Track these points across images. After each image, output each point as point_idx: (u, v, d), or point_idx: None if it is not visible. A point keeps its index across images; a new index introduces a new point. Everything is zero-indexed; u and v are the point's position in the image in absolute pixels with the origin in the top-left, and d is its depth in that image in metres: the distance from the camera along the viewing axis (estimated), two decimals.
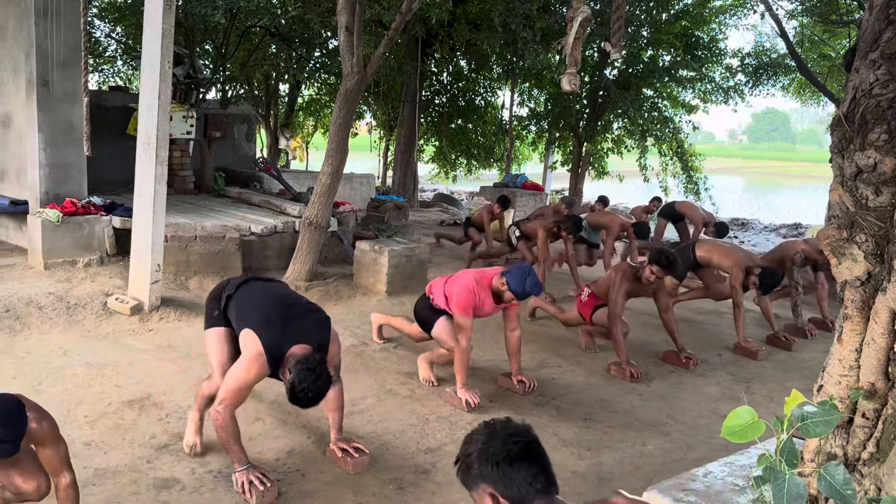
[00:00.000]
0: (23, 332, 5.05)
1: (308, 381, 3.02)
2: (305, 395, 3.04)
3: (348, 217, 8.25)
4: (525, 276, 4.30)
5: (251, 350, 3.21)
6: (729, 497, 2.63)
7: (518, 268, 4.39)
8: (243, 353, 3.26)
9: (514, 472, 1.64)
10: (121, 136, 8.53)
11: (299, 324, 3.32)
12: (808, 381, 5.43)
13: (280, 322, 3.27)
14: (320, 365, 3.08)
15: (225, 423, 3.21)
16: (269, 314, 3.30)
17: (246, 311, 3.38)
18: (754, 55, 13.32)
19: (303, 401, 3.07)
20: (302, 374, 3.03)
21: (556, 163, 15.28)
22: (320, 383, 3.04)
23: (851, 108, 2.32)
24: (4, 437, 2.27)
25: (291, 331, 3.27)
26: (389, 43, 6.53)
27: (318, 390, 3.04)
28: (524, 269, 4.36)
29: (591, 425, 4.27)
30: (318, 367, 3.06)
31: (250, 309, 3.38)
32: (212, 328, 3.57)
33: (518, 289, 4.29)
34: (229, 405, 3.21)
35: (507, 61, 13.77)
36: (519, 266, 4.42)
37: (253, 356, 3.20)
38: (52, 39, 6.19)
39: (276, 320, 3.27)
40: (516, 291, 4.31)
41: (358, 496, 3.30)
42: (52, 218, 6.11)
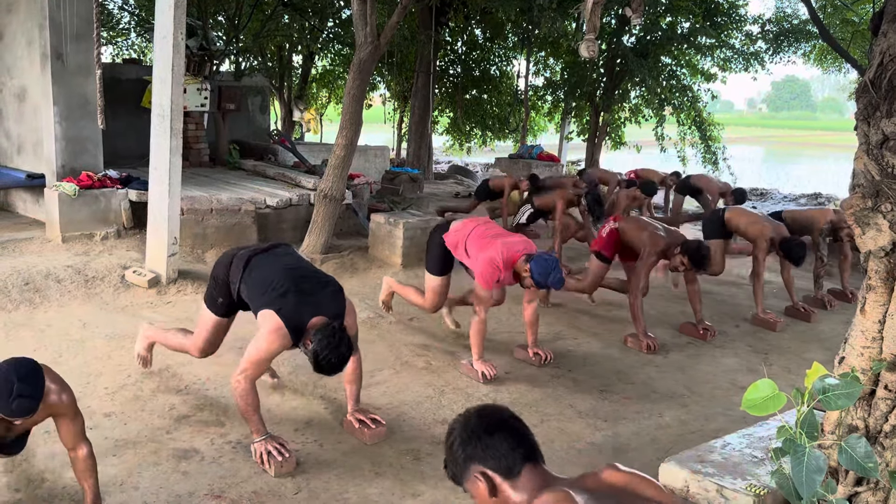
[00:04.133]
0: (42, 304, 5.11)
1: (330, 349, 3.08)
2: (329, 362, 3.09)
3: (363, 189, 8.22)
4: (550, 270, 4.19)
5: (271, 325, 3.24)
6: (747, 469, 2.61)
7: (544, 259, 4.27)
8: (262, 327, 3.28)
9: (496, 440, 1.62)
10: (135, 109, 8.53)
11: (314, 298, 3.34)
12: (827, 352, 5.39)
13: (296, 297, 3.30)
14: (340, 332, 3.13)
15: (245, 392, 3.24)
16: (284, 292, 3.32)
17: (259, 290, 3.40)
18: (775, 21, 13.02)
19: (326, 368, 3.12)
20: (323, 342, 3.08)
21: (571, 133, 15.10)
22: (342, 349, 3.10)
23: (878, 73, 2.25)
24: (24, 393, 2.31)
25: (308, 305, 3.29)
26: (403, 12, 6.44)
27: (340, 356, 3.10)
28: (551, 261, 4.25)
29: (608, 397, 4.27)
30: (338, 333, 3.11)
31: (263, 288, 3.39)
32: (214, 315, 3.63)
33: (541, 280, 4.23)
34: (250, 375, 3.25)
35: (523, 30, 13.55)
36: (546, 257, 4.31)
37: (273, 329, 3.23)
38: (66, 11, 6.16)
39: (291, 296, 3.30)
40: (538, 282, 4.26)
41: (375, 466, 3.33)
42: (69, 191, 6.13)
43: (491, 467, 1.62)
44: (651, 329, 5.29)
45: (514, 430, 1.65)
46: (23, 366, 2.38)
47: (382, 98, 16.52)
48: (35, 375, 2.38)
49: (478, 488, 1.64)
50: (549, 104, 15.42)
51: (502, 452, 1.61)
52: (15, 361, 2.39)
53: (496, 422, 1.65)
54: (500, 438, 1.62)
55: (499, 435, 1.63)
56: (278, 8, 10.46)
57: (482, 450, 1.62)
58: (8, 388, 2.30)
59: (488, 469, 1.62)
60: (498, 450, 1.61)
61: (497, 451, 1.61)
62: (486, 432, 1.63)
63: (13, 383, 2.30)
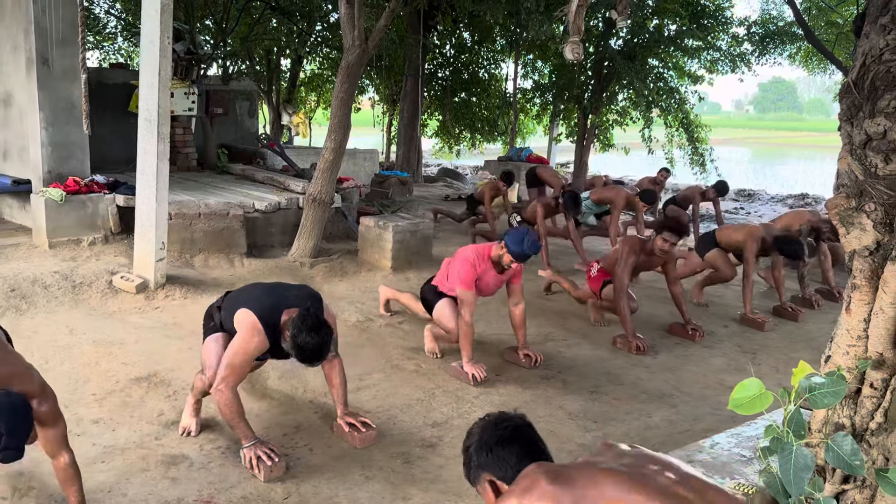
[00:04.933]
0: (29, 311, 5.07)
1: (308, 331, 3.07)
2: (308, 345, 3.08)
3: (352, 193, 8.22)
4: (523, 237, 4.26)
5: (246, 323, 3.24)
6: (735, 468, 2.62)
7: (515, 230, 4.36)
8: (238, 329, 3.27)
9: (507, 454, 1.71)
10: (123, 114, 8.49)
11: (287, 295, 3.36)
12: (814, 351, 5.42)
13: (271, 297, 3.33)
14: (316, 316, 3.13)
15: (228, 400, 3.21)
16: (260, 295, 3.36)
17: (237, 303, 3.40)
18: (761, 23, 13.13)
19: (308, 352, 3.10)
20: (301, 327, 3.09)
21: (560, 135, 15.15)
22: (322, 332, 3.09)
23: (861, 74, 2.27)
24: (11, 445, 2.29)
25: (283, 300, 3.30)
26: (391, 15, 6.45)
27: (320, 338, 3.09)
28: (521, 230, 4.33)
29: (598, 398, 4.28)
30: (313, 317, 3.11)
31: (241, 300, 3.40)
32: (210, 335, 3.56)
33: (516, 249, 4.26)
34: (230, 382, 3.23)
35: (511, 33, 13.60)
36: (516, 229, 4.40)
37: (249, 328, 3.23)
38: (51, 16, 6.13)
39: (265, 298, 3.32)
40: (514, 252, 4.28)
41: (365, 470, 3.32)
42: (56, 197, 6.09)
43: (499, 477, 1.71)
44: (640, 330, 5.31)
45: (525, 443, 1.73)
46: (12, 415, 2.31)
47: (371, 101, 16.53)
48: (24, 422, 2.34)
49: (487, 493, 1.74)
50: (538, 107, 15.46)
51: (511, 464, 1.70)
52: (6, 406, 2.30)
53: (510, 435, 1.74)
54: (510, 451, 1.71)
55: (510, 448, 1.71)
56: (266, 12, 10.44)
57: (494, 461, 1.72)
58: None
59: (496, 478, 1.71)
60: (507, 461, 1.70)
61: (506, 462, 1.70)
62: (498, 444, 1.72)
63: (1, 436, 2.27)
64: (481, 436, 1.76)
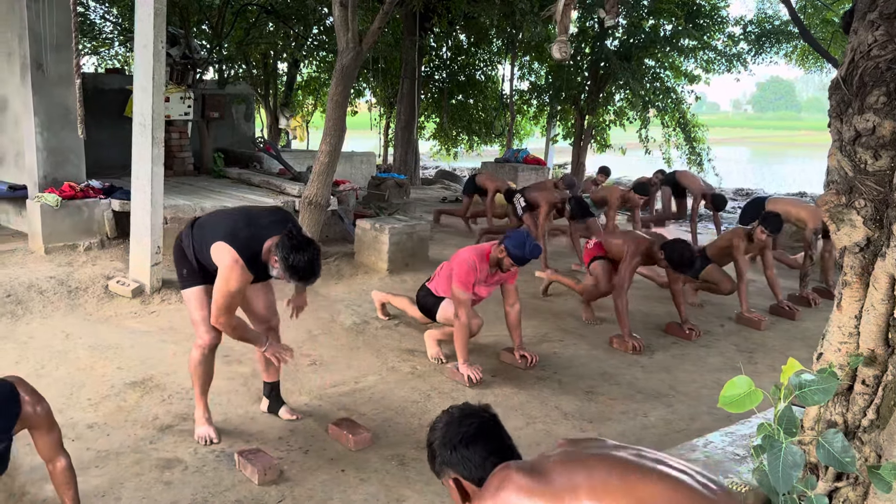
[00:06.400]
0: (25, 316, 5.06)
1: (296, 250, 3.12)
2: (301, 264, 3.12)
3: (348, 195, 8.21)
4: (524, 240, 4.26)
5: (225, 258, 3.22)
6: (729, 467, 2.62)
7: (516, 233, 4.35)
8: (219, 265, 3.25)
9: (471, 453, 1.69)
10: (118, 119, 8.48)
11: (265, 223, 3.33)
12: (811, 350, 5.36)
13: (247, 228, 3.31)
14: (299, 233, 3.19)
15: (231, 326, 3.29)
16: (234, 226, 3.32)
17: (210, 234, 3.34)
18: (756, 22, 13.14)
19: (302, 270, 3.15)
20: (288, 248, 3.12)
21: (557, 136, 15.16)
22: (311, 249, 3.14)
23: (850, 70, 2.27)
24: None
25: (260, 230, 3.29)
26: (385, 17, 6.45)
27: (310, 255, 3.14)
28: (522, 233, 4.33)
29: (594, 398, 4.27)
30: (297, 236, 3.16)
31: (213, 230, 3.36)
32: (189, 288, 3.47)
33: (517, 252, 4.26)
34: (226, 317, 3.25)
35: (507, 34, 13.60)
36: (517, 231, 4.40)
37: (229, 264, 3.21)
38: (45, 21, 6.12)
39: (243, 228, 3.31)
40: (515, 256, 4.27)
41: (360, 473, 3.31)
42: (52, 202, 6.09)
43: (464, 475, 1.69)
44: (636, 330, 5.30)
45: (489, 440, 1.71)
46: None
47: (368, 104, 16.53)
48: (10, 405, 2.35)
49: (452, 490, 1.73)
50: (535, 108, 15.47)
51: (476, 463, 1.68)
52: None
53: (473, 432, 1.71)
54: (474, 450, 1.68)
55: (474, 447, 1.69)
56: (262, 15, 10.45)
57: (459, 459, 1.70)
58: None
59: (461, 477, 1.70)
60: (472, 461, 1.68)
61: (471, 462, 1.68)
62: (461, 442, 1.69)
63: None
64: (445, 432, 1.73)
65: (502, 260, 4.33)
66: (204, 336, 3.46)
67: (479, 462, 1.67)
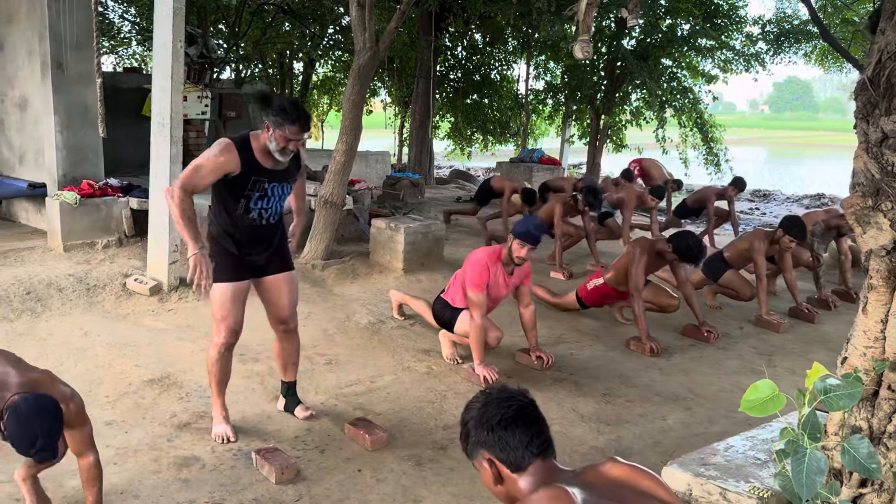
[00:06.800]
0: (44, 314, 5.10)
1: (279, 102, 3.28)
2: (285, 104, 3.27)
3: (364, 195, 8.22)
4: (527, 220, 4.42)
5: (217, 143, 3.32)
6: (750, 471, 2.59)
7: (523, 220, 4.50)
8: None
9: (510, 435, 1.63)
10: (136, 118, 8.54)
11: None
12: (831, 353, 5.35)
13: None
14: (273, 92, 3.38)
15: (178, 199, 3.18)
16: None
17: None
18: (775, 22, 13.02)
19: (289, 108, 3.24)
20: (277, 103, 3.27)
21: (572, 136, 15.10)
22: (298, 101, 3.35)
23: (877, 71, 2.24)
24: (46, 447, 2.33)
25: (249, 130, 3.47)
26: (401, 16, 6.45)
27: (291, 100, 3.34)
28: (528, 217, 4.43)
29: (611, 400, 4.25)
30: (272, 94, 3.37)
31: None
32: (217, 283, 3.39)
33: (520, 228, 4.31)
34: (184, 183, 3.20)
35: (523, 33, 13.57)
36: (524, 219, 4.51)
37: (217, 145, 3.29)
38: (65, 21, 6.17)
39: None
40: (518, 231, 4.29)
41: (376, 473, 3.31)
42: (70, 200, 6.14)
43: (499, 458, 1.64)
44: (653, 331, 5.26)
45: (529, 425, 1.65)
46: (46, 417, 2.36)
47: (383, 104, 16.55)
48: (57, 424, 2.39)
49: (484, 471, 1.68)
50: (550, 108, 15.41)
51: (513, 447, 1.63)
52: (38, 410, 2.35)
53: (513, 415, 1.65)
54: (513, 433, 1.63)
55: (513, 429, 1.63)
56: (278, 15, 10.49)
57: (495, 440, 1.64)
58: (31, 438, 2.32)
59: (496, 459, 1.64)
60: (510, 444, 1.63)
61: (508, 444, 1.63)
62: (500, 424, 1.64)
63: (36, 437, 2.32)
64: (483, 413, 1.67)
65: (511, 248, 4.32)
66: (220, 334, 3.48)
67: (517, 446, 1.62)
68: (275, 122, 3.23)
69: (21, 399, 2.37)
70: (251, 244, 3.47)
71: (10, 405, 2.36)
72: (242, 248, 3.45)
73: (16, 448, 2.37)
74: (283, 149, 3.28)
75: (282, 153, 3.30)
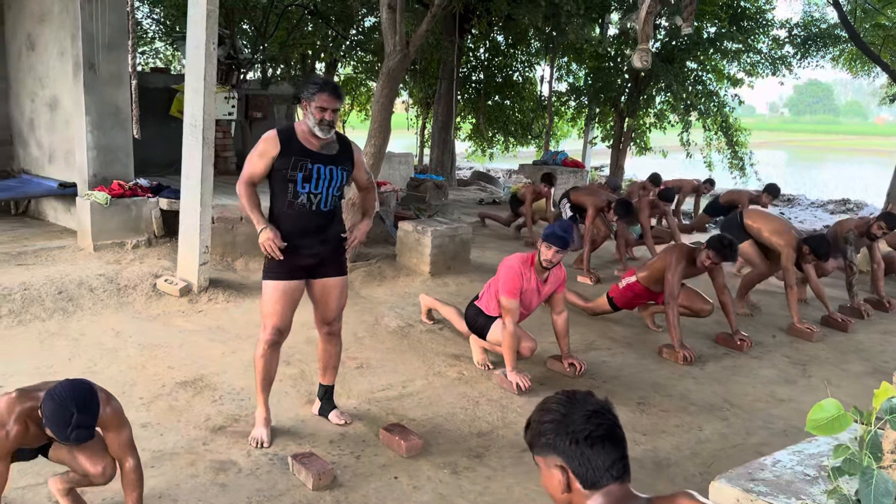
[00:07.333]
0: (76, 313, 5.13)
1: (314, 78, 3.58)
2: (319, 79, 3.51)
3: (390, 197, 8.21)
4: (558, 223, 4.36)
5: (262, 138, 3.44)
6: (800, 487, 2.54)
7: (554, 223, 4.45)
8: None
9: (594, 454, 1.56)
10: (164, 118, 8.58)
11: None
12: (866, 363, 5.28)
13: None
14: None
15: (239, 191, 3.41)
16: None
17: None
18: (803, 25, 12.89)
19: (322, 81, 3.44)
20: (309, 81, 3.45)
21: (596, 139, 15.02)
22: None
23: None
24: (82, 423, 2.31)
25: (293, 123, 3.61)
26: (432, 19, 6.43)
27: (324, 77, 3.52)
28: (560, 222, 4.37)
29: (646, 409, 4.20)
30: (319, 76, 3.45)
31: None
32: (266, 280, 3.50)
33: (547, 231, 4.28)
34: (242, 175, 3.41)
35: (546, 35, 13.52)
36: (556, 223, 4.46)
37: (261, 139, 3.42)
38: (98, 22, 6.21)
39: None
40: (547, 234, 4.26)
41: (413, 480, 3.29)
42: (101, 200, 6.17)
43: (576, 472, 1.58)
44: (685, 339, 5.20)
45: (615, 447, 1.59)
46: (81, 394, 2.35)
47: (405, 105, 16.55)
48: (93, 403, 2.38)
49: (551, 475, 1.61)
50: (573, 110, 15.35)
51: (595, 466, 1.57)
52: (73, 388, 2.35)
53: (602, 434, 1.58)
54: (598, 453, 1.56)
55: (599, 449, 1.57)
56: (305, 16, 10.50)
57: (576, 454, 1.57)
58: (67, 417, 2.30)
59: (572, 471, 1.58)
60: (591, 462, 1.57)
61: (590, 462, 1.57)
62: (587, 441, 1.57)
63: (72, 414, 2.30)
64: (567, 420, 1.59)
65: (541, 252, 4.28)
66: (265, 331, 3.51)
67: (598, 466, 1.56)
68: (307, 96, 3.35)
69: (57, 384, 2.39)
70: (304, 234, 3.44)
71: (47, 391, 2.37)
72: (295, 239, 3.43)
73: (53, 431, 2.34)
74: (320, 121, 3.33)
75: (320, 126, 3.34)
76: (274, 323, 3.47)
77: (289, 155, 3.36)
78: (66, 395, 2.31)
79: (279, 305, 3.46)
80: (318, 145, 3.41)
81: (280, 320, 3.47)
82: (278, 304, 3.46)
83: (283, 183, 3.39)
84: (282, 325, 3.49)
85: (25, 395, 2.44)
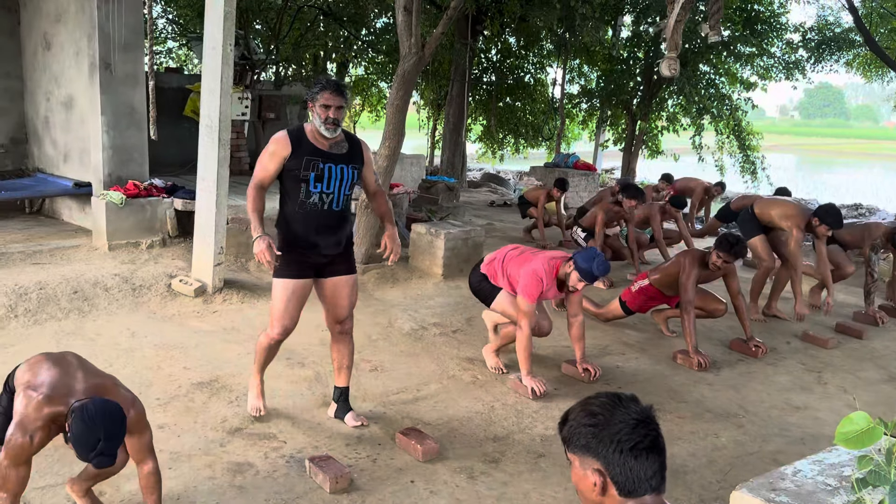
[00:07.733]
0: (91, 313, 5.16)
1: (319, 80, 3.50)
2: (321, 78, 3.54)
3: (402, 199, 8.21)
4: (593, 258, 4.22)
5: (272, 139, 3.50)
6: (822, 498, 2.52)
7: (585, 250, 4.32)
8: None
9: (637, 464, 1.54)
10: (178, 118, 8.62)
11: None
12: (882, 370, 5.25)
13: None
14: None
15: (248, 194, 3.48)
16: None
17: None
18: (817, 29, 12.83)
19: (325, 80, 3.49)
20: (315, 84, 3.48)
21: (607, 141, 14.99)
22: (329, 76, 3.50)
23: None
24: (106, 451, 2.33)
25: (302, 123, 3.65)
26: (448, 22, 6.43)
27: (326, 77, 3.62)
28: (592, 251, 4.29)
29: (661, 416, 4.11)
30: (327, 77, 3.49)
31: None
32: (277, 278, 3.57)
33: (585, 266, 4.20)
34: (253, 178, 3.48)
35: (558, 37, 13.50)
36: (588, 249, 4.35)
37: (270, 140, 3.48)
38: (114, 22, 6.24)
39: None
40: (582, 269, 4.20)
41: (429, 485, 3.29)
42: (116, 200, 6.20)
43: (614, 479, 1.55)
44: (699, 345, 5.18)
45: (658, 458, 1.57)
46: (111, 421, 2.35)
47: (416, 106, 16.56)
48: (121, 431, 2.39)
49: (586, 477, 1.58)
50: (584, 112, 15.32)
51: (636, 476, 1.54)
52: (104, 413, 2.35)
53: (648, 445, 1.55)
54: (641, 463, 1.54)
55: (643, 460, 1.54)
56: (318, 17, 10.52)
57: (618, 461, 1.55)
58: (93, 443, 2.32)
59: (610, 478, 1.56)
60: (633, 471, 1.54)
61: (631, 472, 1.54)
62: (632, 452, 1.54)
63: (99, 440, 2.32)
64: (612, 426, 1.55)
65: (569, 275, 4.27)
66: (274, 329, 3.60)
67: (639, 476, 1.53)
68: (312, 96, 3.40)
69: (90, 401, 2.38)
70: (317, 233, 3.49)
71: (78, 407, 2.37)
72: (308, 238, 3.48)
73: (76, 450, 2.36)
74: (325, 119, 3.37)
75: (325, 125, 3.38)
76: (285, 324, 3.56)
77: (300, 155, 3.40)
78: (96, 418, 2.32)
79: (290, 304, 3.53)
80: (328, 145, 3.45)
81: (290, 321, 3.57)
82: (290, 302, 3.53)
83: (295, 183, 3.43)
84: (291, 325, 3.60)
85: (52, 399, 2.44)
